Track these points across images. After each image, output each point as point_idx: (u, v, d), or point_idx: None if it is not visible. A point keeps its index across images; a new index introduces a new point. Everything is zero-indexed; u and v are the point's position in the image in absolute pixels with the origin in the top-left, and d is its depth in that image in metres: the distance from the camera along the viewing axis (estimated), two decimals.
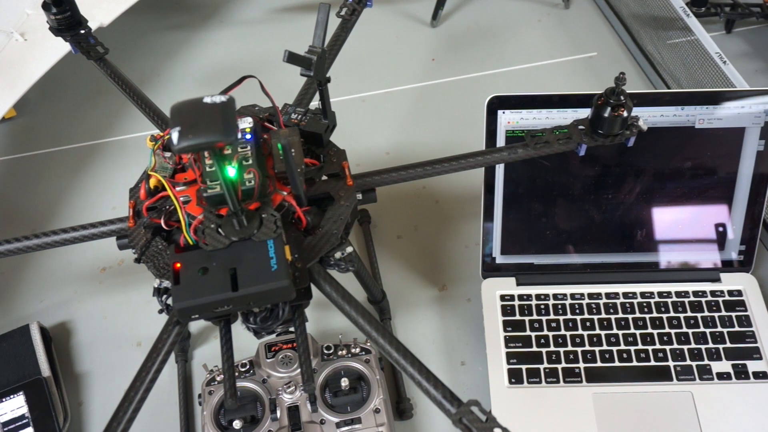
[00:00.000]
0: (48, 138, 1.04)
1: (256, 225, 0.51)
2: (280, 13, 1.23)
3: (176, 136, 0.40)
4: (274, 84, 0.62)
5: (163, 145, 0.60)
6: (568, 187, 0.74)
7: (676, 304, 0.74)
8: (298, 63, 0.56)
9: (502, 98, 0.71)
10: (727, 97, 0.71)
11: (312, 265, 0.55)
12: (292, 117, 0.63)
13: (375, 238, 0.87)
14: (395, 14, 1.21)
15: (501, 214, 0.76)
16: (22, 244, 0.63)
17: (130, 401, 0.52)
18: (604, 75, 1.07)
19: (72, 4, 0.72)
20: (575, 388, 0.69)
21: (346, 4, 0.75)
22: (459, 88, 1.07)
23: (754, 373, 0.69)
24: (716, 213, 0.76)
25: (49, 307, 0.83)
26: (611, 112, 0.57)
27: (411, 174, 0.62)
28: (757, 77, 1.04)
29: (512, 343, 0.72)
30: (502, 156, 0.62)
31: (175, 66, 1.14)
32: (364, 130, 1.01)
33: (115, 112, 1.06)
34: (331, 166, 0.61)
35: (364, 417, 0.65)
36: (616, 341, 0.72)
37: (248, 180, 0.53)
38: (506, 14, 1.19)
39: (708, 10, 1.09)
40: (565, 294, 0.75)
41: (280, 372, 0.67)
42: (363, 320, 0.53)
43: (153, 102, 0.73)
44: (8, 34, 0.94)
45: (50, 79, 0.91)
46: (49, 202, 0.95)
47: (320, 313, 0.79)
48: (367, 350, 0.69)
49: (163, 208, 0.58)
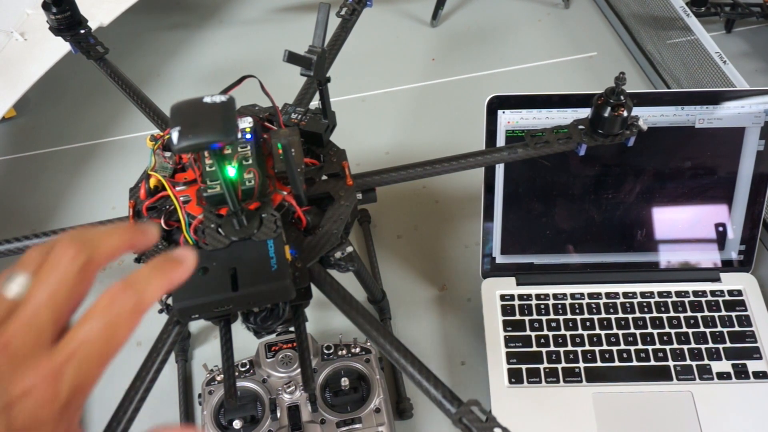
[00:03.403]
0: (48, 138, 1.04)
1: (256, 225, 0.51)
2: (280, 13, 1.22)
3: (176, 136, 0.40)
4: (274, 84, 0.62)
5: (163, 145, 0.60)
6: (568, 186, 0.74)
7: (676, 303, 0.74)
8: (298, 63, 0.56)
9: (502, 98, 0.71)
10: (727, 97, 0.71)
11: (312, 265, 0.55)
12: (292, 117, 0.63)
13: (375, 238, 0.87)
14: (395, 14, 1.21)
15: (501, 214, 0.76)
16: (22, 244, 0.63)
17: (130, 401, 0.52)
18: (604, 75, 1.07)
19: (72, 4, 0.72)
20: (575, 387, 0.69)
21: (346, 4, 0.75)
22: (459, 88, 1.07)
23: (754, 373, 0.69)
24: (716, 213, 0.76)
25: None
26: (611, 112, 0.57)
27: (411, 174, 0.62)
28: (757, 77, 1.04)
29: (512, 343, 0.72)
30: (502, 156, 0.62)
31: (175, 66, 1.14)
32: (364, 130, 1.00)
33: (115, 112, 1.06)
34: (331, 166, 0.61)
35: (364, 417, 0.65)
36: (616, 341, 0.72)
37: (248, 180, 0.53)
38: (506, 14, 1.19)
39: (708, 10, 1.09)
40: (565, 294, 0.75)
41: (280, 372, 0.67)
42: (363, 320, 0.53)
43: (153, 102, 0.73)
44: (8, 34, 0.94)
45: (50, 79, 0.91)
46: (49, 202, 0.95)
47: (320, 313, 0.79)
48: (367, 350, 0.69)
49: (163, 208, 0.58)
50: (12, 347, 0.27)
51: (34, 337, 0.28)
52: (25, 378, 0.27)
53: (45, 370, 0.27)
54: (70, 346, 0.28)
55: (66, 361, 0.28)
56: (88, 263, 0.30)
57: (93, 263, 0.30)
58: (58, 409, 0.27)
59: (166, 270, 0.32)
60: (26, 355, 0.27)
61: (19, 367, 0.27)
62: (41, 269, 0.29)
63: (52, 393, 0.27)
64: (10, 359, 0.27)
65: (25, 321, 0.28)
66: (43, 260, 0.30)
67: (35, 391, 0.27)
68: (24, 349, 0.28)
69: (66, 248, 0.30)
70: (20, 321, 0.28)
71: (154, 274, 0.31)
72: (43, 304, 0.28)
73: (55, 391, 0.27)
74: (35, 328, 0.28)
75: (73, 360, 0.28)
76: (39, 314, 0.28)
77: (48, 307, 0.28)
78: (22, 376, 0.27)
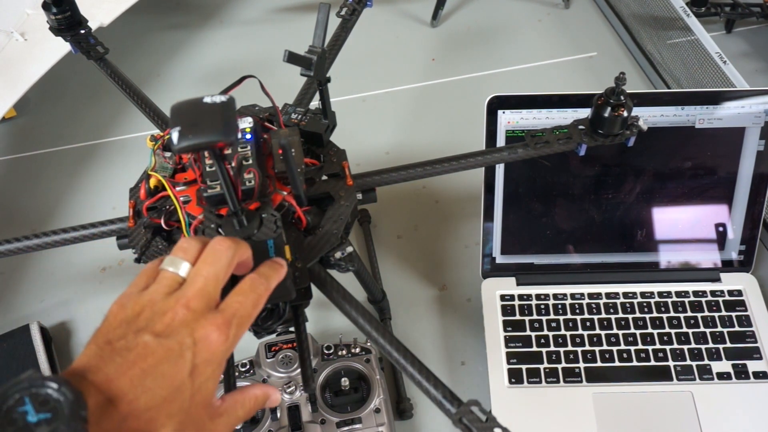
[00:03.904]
0: (48, 138, 1.04)
1: (256, 225, 0.51)
2: (280, 13, 1.23)
3: (176, 136, 0.40)
4: (274, 84, 0.62)
5: (163, 145, 0.60)
6: (568, 187, 0.74)
7: (676, 304, 0.74)
8: (298, 63, 0.56)
9: (502, 98, 0.71)
10: (727, 97, 0.71)
11: (312, 265, 0.55)
12: (292, 117, 0.63)
13: (375, 238, 0.87)
14: (395, 14, 1.21)
15: (501, 214, 0.76)
16: (22, 244, 0.63)
17: None
18: (604, 75, 1.07)
19: (72, 4, 0.72)
20: (575, 388, 0.69)
21: (346, 4, 0.75)
22: (459, 88, 1.07)
23: (754, 373, 0.69)
24: (716, 213, 0.76)
25: (49, 307, 0.83)
26: (611, 112, 0.57)
27: (411, 174, 0.62)
28: (757, 77, 1.04)
29: (512, 343, 0.72)
30: (502, 156, 0.62)
31: (175, 66, 1.14)
32: (364, 130, 1.00)
33: (115, 112, 1.06)
34: (331, 166, 0.61)
35: (364, 417, 0.65)
36: (616, 341, 0.72)
37: (248, 180, 0.53)
38: (506, 14, 1.19)
39: (708, 10, 1.09)
40: (565, 294, 0.75)
41: (280, 372, 0.67)
42: (363, 320, 0.53)
43: (153, 102, 0.73)
44: (8, 34, 0.94)
45: (50, 79, 0.91)
46: (49, 202, 0.95)
47: (320, 313, 0.79)
48: (367, 350, 0.69)
49: (163, 208, 0.58)
50: (193, 305, 0.39)
51: (206, 301, 0.39)
52: (205, 326, 0.38)
53: (218, 321, 0.39)
54: (231, 308, 0.40)
55: (231, 317, 0.40)
56: (235, 256, 0.42)
57: (237, 256, 0.42)
58: (226, 349, 0.39)
59: (276, 269, 0.45)
60: (203, 312, 0.39)
61: (199, 319, 0.39)
62: (206, 254, 0.41)
63: (224, 336, 0.39)
64: (192, 313, 0.39)
65: (198, 289, 0.40)
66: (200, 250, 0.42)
67: (212, 335, 0.38)
68: (201, 307, 0.39)
69: (222, 242, 0.42)
70: (195, 289, 0.40)
71: (272, 271, 0.45)
72: (211, 278, 0.40)
73: (225, 335, 0.39)
74: (206, 295, 0.40)
75: (235, 317, 0.40)
76: (208, 285, 0.40)
77: (213, 280, 0.40)
78: (203, 325, 0.38)
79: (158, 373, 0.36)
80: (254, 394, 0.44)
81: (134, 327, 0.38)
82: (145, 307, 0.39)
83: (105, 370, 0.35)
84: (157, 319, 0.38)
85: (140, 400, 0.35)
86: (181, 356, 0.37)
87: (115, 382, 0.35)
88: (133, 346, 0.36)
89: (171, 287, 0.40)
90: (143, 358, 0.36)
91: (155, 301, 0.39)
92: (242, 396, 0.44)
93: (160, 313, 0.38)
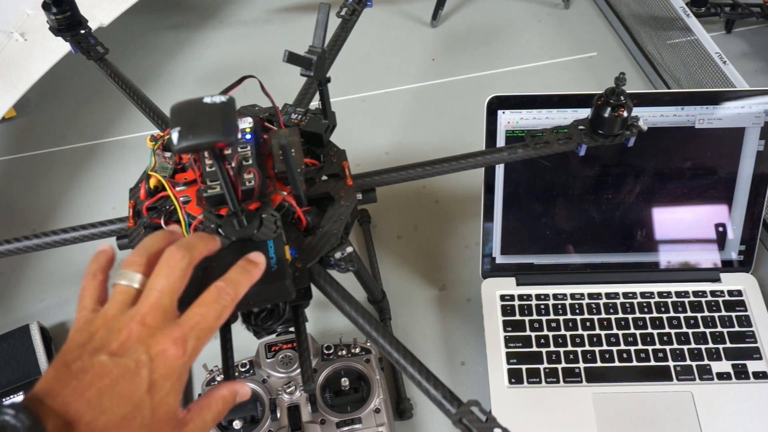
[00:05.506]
0: (48, 138, 1.04)
1: (256, 225, 0.51)
2: (280, 13, 1.23)
3: (176, 136, 0.40)
4: (274, 84, 0.62)
5: (163, 145, 0.60)
6: (568, 187, 0.74)
7: (676, 304, 0.74)
8: (298, 63, 0.56)
9: (502, 98, 0.71)
10: (727, 97, 0.71)
11: (312, 265, 0.55)
12: (292, 117, 0.63)
13: (375, 238, 0.87)
14: (395, 14, 1.21)
15: (501, 214, 0.76)
16: (22, 244, 0.63)
17: None
18: (604, 75, 1.07)
19: (72, 4, 0.72)
20: (575, 388, 0.69)
21: (346, 4, 0.75)
22: (459, 88, 1.07)
23: (754, 373, 0.69)
24: (716, 213, 0.76)
25: (49, 307, 0.83)
26: (611, 112, 0.57)
27: (411, 174, 0.62)
28: (757, 77, 1.04)
29: (512, 343, 0.72)
30: (502, 156, 0.62)
31: (175, 66, 1.14)
32: (364, 130, 1.00)
33: (115, 112, 1.06)
34: (331, 166, 0.61)
35: (364, 417, 0.65)
36: (616, 341, 0.72)
37: (248, 180, 0.53)
38: (506, 14, 1.19)
39: (708, 10, 1.09)
40: (565, 294, 0.75)
41: (280, 372, 0.67)
42: (363, 320, 0.53)
43: (153, 102, 0.73)
44: (8, 34, 0.94)
45: (50, 79, 0.91)
46: (49, 202, 0.95)
47: (320, 313, 0.79)
48: (367, 350, 0.69)
49: (163, 208, 0.58)
50: (148, 321, 0.38)
51: (162, 314, 0.39)
52: (162, 341, 0.38)
53: (175, 335, 0.39)
54: (191, 321, 0.40)
55: (189, 330, 0.39)
56: (190, 263, 0.42)
57: (192, 262, 0.42)
58: (183, 363, 0.39)
59: (248, 270, 0.44)
60: (159, 326, 0.39)
61: (155, 335, 0.38)
62: (159, 266, 0.41)
63: (181, 351, 0.39)
64: (148, 329, 0.38)
65: (152, 303, 0.39)
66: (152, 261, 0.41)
67: (169, 350, 0.38)
68: (156, 322, 0.39)
69: (175, 252, 0.41)
70: (149, 303, 0.39)
71: (242, 274, 0.44)
72: (165, 291, 0.40)
73: (182, 349, 0.39)
74: (161, 308, 0.39)
75: (193, 330, 0.40)
76: (163, 299, 0.39)
77: (168, 293, 0.40)
78: (159, 340, 0.38)
79: (115, 392, 0.36)
80: (220, 395, 0.44)
81: (90, 348, 0.38)
82: (100, 327, 0.39)
83: (62, 393, 0.35)
84: (112, 338, 0.38)
85: (99, 421, 0.35)
86: (137, 374, 0.37)
87: (73, 405, 0.35)
88: (89, 367, 0.36)
89: (125, 302, 0.40)
90: (99, 378, 0.36)
91: (109, 319, 0.39)
92: (208, 400, 0.43)
93: (115, 331, 0.38)
